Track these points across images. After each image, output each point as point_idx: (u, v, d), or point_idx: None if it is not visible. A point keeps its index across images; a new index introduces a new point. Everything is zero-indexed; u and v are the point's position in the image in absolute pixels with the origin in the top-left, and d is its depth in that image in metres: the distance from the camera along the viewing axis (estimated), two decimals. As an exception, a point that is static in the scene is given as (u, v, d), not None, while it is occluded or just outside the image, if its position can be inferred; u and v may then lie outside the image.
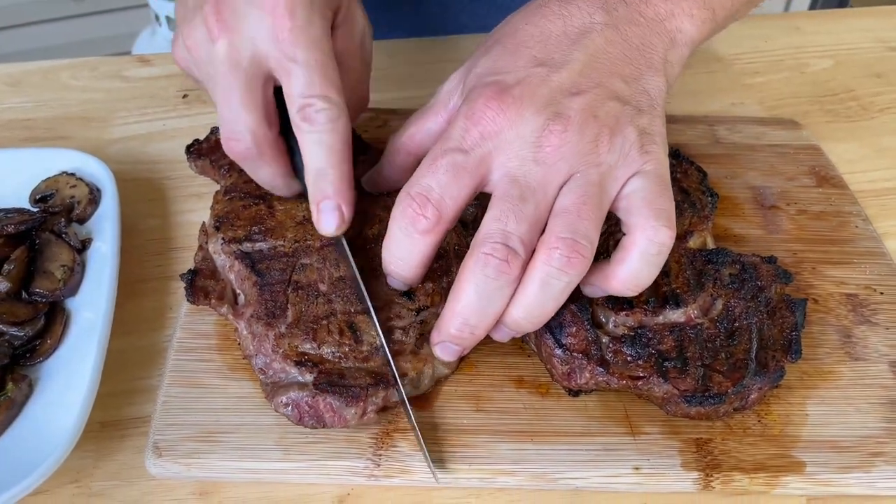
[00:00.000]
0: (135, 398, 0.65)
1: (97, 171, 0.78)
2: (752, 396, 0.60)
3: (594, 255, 0.54)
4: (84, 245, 0.71)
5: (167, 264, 0.75)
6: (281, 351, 0.60)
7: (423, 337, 0.62)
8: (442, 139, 0.55)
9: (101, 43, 2.48)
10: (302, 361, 0.60)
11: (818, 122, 0.95)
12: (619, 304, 0.62)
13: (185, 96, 0.95)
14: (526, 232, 0.52)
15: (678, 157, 0.76)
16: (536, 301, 0.53)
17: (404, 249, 0.56)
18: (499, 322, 0.56)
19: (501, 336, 0.60)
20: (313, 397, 0.58)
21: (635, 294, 0.57)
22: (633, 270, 0.55)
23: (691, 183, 0.73)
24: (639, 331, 0.60)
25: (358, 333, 0.61)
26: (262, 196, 0.71)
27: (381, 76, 0.99)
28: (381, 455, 0.58)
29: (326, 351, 0.60)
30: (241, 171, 0.75)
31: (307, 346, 0.61)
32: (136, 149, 0.88)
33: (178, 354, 0.64)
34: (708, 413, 0.59)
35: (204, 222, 0.71)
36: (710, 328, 0.61)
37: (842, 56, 1.07)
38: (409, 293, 0.63)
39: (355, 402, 0.57)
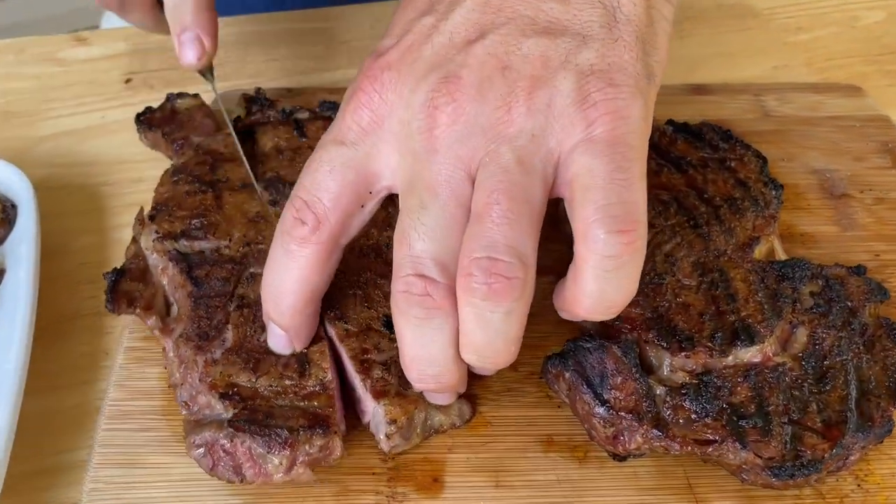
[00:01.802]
0: (59, 478, 0.51)
1: (13, 182, 0.63)
2: (853, 457, 0.46)
3: (532, 268, 0.41)
4: (-5, 279, 0.57)
5: (102, 295, 0.60)
6: (209, 380, 0.47)
7: None
8: (328, 129, 0.44)
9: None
10: (228, 394, 0.47)
11: (878, 86, 0.80)
12: (675, 341, 0.48)
13: (128, 81, 0.80)
14: (439, 249, 0.40)
15: (730, 140, 0.61)
16: (482, 342, 0.41)
17: (279, 271, 0.45)
18: None
19: (481, 373, 0.48)
20: (231, 440, 0.45)
21: (611, 315, 0.43)
22: (593, 294, 0.41)
23: (749, 173, 0.59)
24: (704, 378, 0.46)
25: (307, 366, 0.48)
26: (211, 183, 0.58)
27: (365, 46, 0.85)
28: (374, 555, 0.45)
29: (263, 384, 0.47)
30: (196, 148, 0.62)
31: (242, 378, 0.48)
32: (70, 148, 0.74)
33: (111, 422, 0.50)
34: (798, 483, 0.45)
35: (141, 208, 0.58)
36: (793, 369, 0.47)
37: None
38: (389, 323, 0.50)
39: (280, 449, 0.44)
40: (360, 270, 0.53)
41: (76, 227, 0.66)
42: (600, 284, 0.40)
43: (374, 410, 0.48)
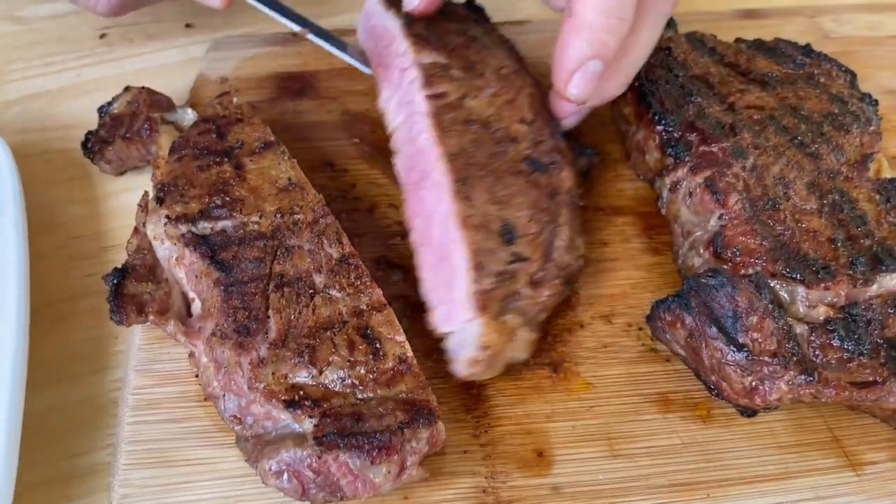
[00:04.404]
0: (77, 487, 0.42)
1: None
2: None
3: None
4: (-27, 256, 0.47)
5: (103, 271, 0.51)
6: (262, 386, 0.39)
7: (511, 305, 0.42)
8: None
9: None
10: (295, 401, 0.38)
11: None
12: (809, 271, 0.41)
13: (102, 36, 0.70)
14: None
15: (811, 55, 0.54)
16: None
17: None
18: None
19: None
20: (319, 457, 0.37)
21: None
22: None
23: (841, 88, 0.52)
24: (850, 311, 0.40)
25: (378, 343, 0.40)
26: (226, 152, 0.49)
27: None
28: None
29: (332, 378, 0.39)
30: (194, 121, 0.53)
31: (302, 375, 0.39)
32: (42, 111, 0.64)
33: (138, 414, 0.42)
34: (967, 426, 0.39)
35: (146, 193, 0.49)
36: (946, 295, 0.41)
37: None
38: (509, 231, 0.43)
39: (385, 456, 0.36)
40: (493, 155, 0.46)
41: (61, 198, 0.56)
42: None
43: (464, 325, 0.40)
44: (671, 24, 0.57)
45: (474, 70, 0.49)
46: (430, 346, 0.44)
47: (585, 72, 0.42)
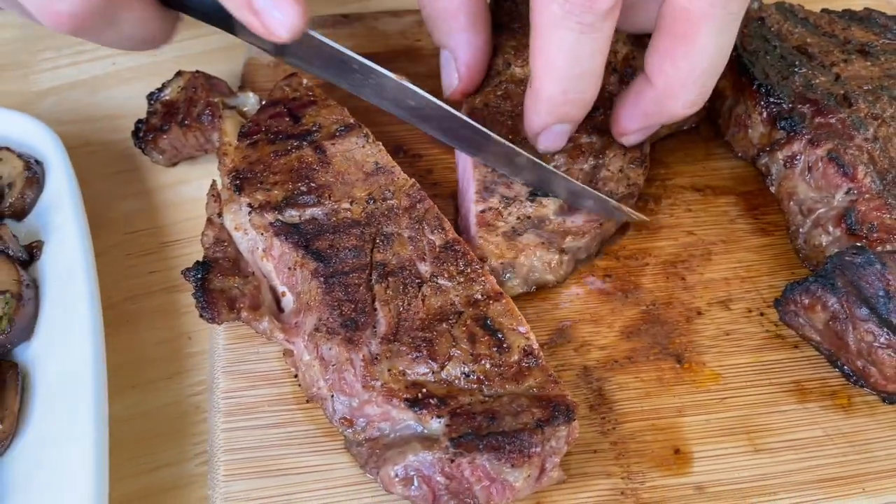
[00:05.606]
0: (170, 501, 0.38)
1: (32, 135, 0.50)
2: None
3: None
4: (32, 253, 0.44)
5: (167, 268, 0.48)
6: (379, 384, 0.35)
7: (530, 227, 0.43)
8: None
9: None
10: (418, 399, 0.35)
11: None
12: (955, 247, 0.38)
13: (136, 22, 0.66)
14: None
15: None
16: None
17: (577, 54, 0.38)
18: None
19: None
20: (452, 461, 0.33)
21: (698, 106, 0.41)
22: (711, 55, 0.39)
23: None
24: None
25: (501, 334, 0.37)
26: (303, 135, 0.46)
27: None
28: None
29: (455, 374, 0.36)
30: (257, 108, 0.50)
31: (421, 371, 0.36)
32: (80, 101, 0.60)
33: (232, 420, 0.38)
34: None
35: (214, 182, 0.45)
36: None
37: None
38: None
39: (527, 458, 0.33)
40: (510, 97, 0.49)
41: (112, 192, 0.53)
42: (718, 40, 0.38)
43: (472, 241, 0.43)
44: (755, -4, 0.54)
45: None
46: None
47: (551, 132, 0.43)
